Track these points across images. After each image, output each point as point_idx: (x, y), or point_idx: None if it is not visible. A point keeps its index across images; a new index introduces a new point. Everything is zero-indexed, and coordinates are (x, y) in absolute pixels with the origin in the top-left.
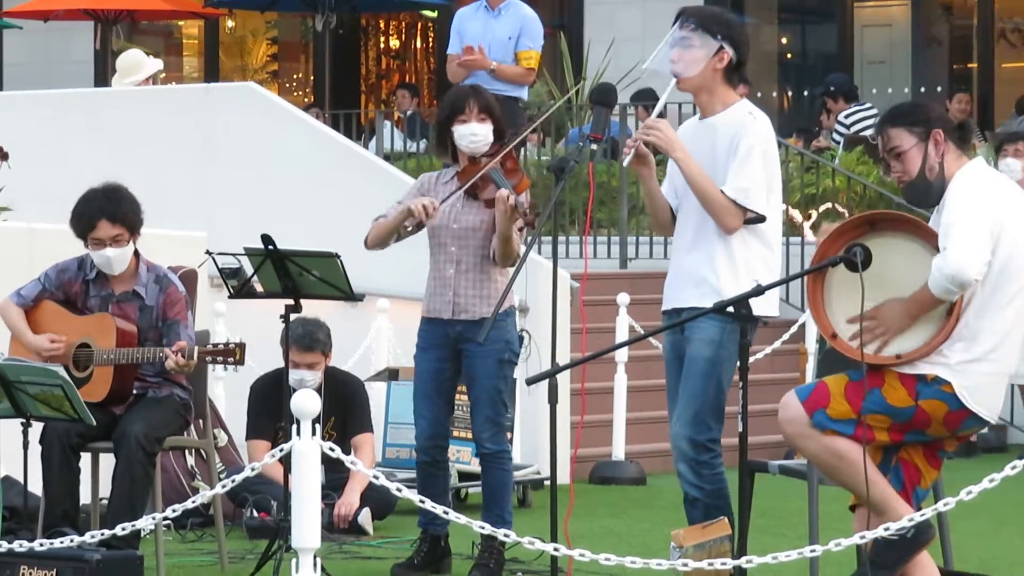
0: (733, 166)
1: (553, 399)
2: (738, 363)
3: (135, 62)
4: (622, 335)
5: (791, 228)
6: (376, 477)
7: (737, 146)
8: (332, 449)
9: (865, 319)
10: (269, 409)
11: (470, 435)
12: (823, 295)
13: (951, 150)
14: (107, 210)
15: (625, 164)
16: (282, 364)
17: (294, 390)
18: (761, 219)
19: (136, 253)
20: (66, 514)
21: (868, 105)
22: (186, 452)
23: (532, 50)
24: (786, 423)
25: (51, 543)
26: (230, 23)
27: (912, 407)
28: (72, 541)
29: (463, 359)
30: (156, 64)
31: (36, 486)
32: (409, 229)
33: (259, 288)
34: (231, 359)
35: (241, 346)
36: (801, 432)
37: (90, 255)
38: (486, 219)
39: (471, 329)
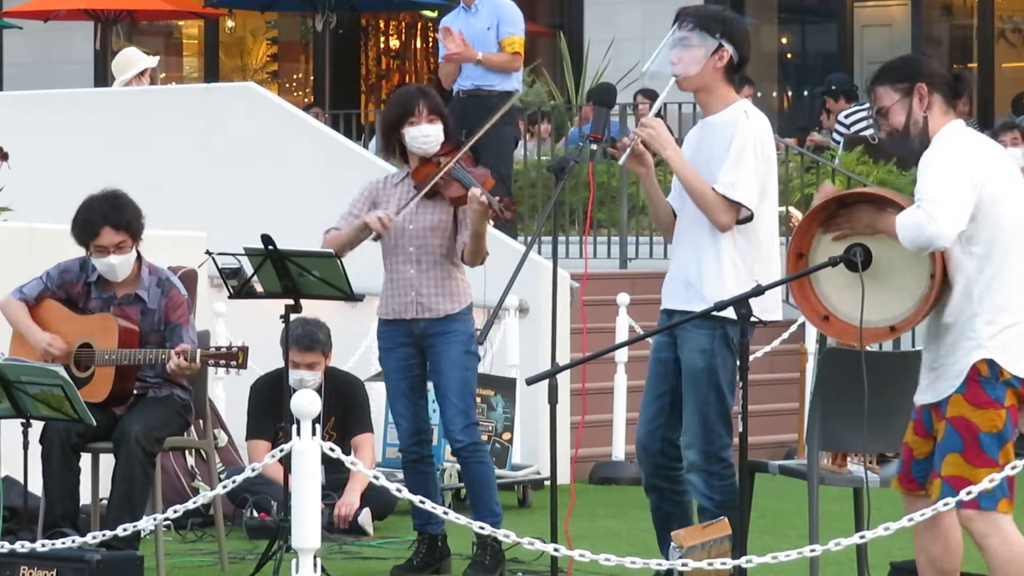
0: (726, 163)
1: (553, 399)
2: (738, 363)
3: (128, 59)
4: (622, 335)
5: (791, 228)
6: (376, 477)
7: (731, 143)
8: (332, 449)
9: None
10: (269, 409)
11: None
12: (811, 282)
13: (937, 104)
14: (111, 217)
15: (620, 162)
16: (282, 364)
17: (294, 390)
18: (750, 217)
19: (138, 256)
20: (66, 514)
21: (868, 105)
22: (186, 452)
23: (513, 36)
24: (977, 533)
25: (51, 543)
26: (230, 23)
27: (1004, 411)
28: (73, 542)
29: (429, 354)
30: (149, 60)
31: (36, 486)
32: (365, 240)
33: (259, 288)
34: (234, 363)
35: (244, 350)
36: (987, 531)
37: (93, 262)
38: (444, 218)
39: (434, 325)
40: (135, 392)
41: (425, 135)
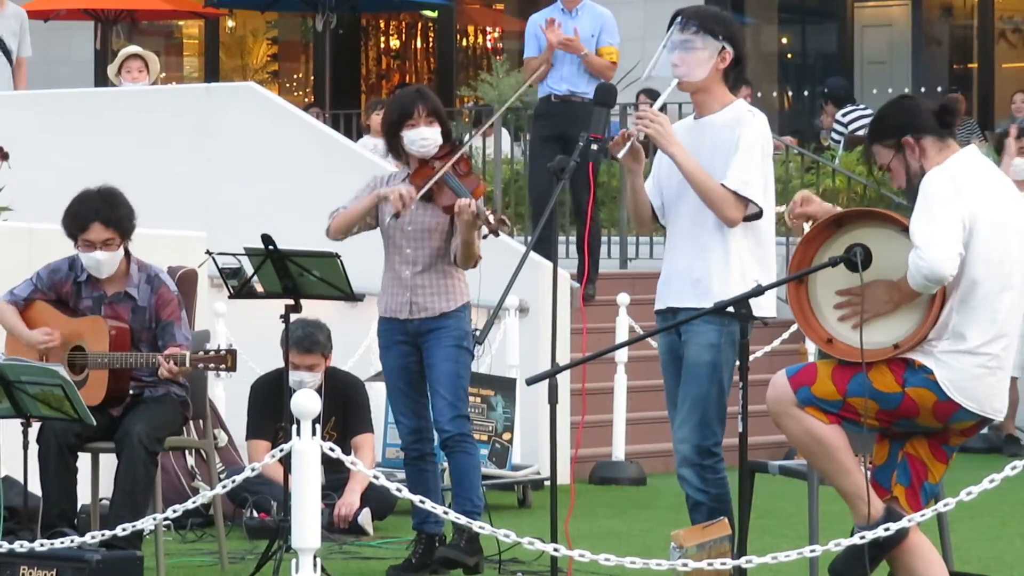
0: (735, 159)
1: (553, 399)
2: (738, 363)
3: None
4: (622, 335)
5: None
6: (376, 477)
7: (739, 140)
8: (332, 449)
9: (850, 294)
10: (269, 409)
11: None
12: (809, 302)
13: (930, 146)
14: (102, 213)
15: (620, 156)
16: (282, 364)
17: (294, 391)
18: (759, 214)
19: (127, 253)
20: (63, 514)
21: (864, 105)
22: (186, 452)
23: (613, 46)
24: (772, 401)
25: (51, 543)
26: (230, 23)
27: (899, 393)
28: (72, 541)
29: (423, 350)
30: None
31: (36, 486)
32: (369, 222)
33: (259, 288)
34: (223, 365)
35: (232, 352)
36: (785, 411)
37: (79, 256)
38: (441, 220)
39: (428, 323)
40: (131, 392)
41: (423, 138)
